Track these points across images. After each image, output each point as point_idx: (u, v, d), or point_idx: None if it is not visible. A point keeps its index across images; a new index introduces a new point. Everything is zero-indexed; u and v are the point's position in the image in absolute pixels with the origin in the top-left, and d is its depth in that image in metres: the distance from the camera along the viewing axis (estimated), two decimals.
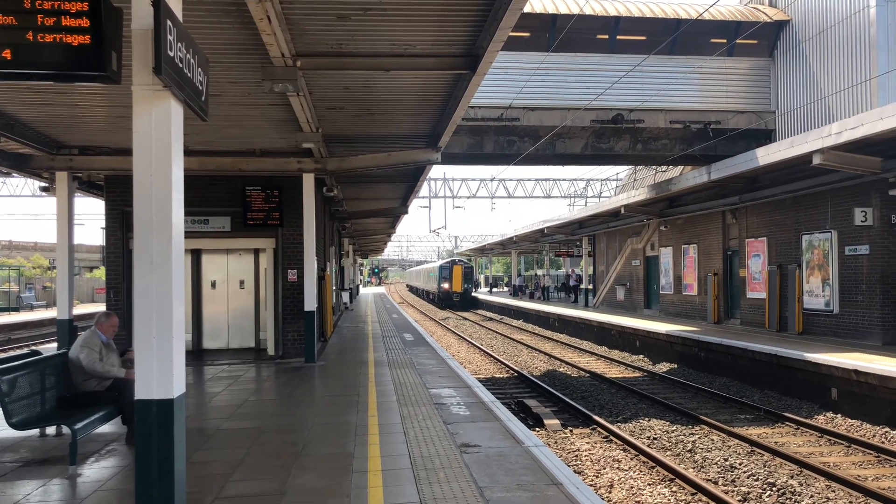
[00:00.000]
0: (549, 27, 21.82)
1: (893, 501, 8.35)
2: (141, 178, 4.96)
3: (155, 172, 4.96)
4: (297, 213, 14.78)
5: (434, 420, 9.08)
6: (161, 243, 4.98)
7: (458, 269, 53.58)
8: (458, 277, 53.10)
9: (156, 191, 4.96)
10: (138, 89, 4.91)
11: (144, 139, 4.95)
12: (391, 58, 9.37)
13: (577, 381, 17.97)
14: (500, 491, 6.26)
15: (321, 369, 13.92)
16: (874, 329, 16.38)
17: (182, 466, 5.18)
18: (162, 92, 4.91)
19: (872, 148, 15.17)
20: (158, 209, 4.97)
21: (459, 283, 52.91)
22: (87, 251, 64.43)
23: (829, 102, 21.50)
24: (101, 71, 4.46)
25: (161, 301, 4.96)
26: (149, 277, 4.97)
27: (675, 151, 23.30)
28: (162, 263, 4.98)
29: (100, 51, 4.41)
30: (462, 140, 21.69)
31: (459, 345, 26.93)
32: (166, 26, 4.69)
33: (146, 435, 4.96)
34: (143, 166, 4.96)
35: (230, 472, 6.91)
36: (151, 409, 4.94)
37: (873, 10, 20.02)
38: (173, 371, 4.97)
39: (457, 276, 53.16)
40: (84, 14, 4.39)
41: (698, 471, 9.92)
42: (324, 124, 12.52)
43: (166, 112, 4.95)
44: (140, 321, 4.96)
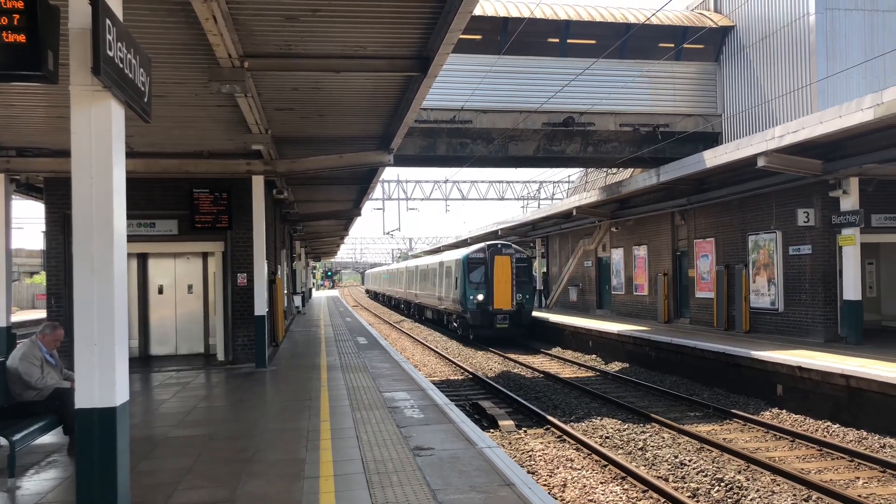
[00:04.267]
0: (500, 30, 21.95)
1: (834, 493, 8.60)
2: (80, 180, 4.82)
3: (95, 175, 4.82)
4: (246, 216, 14.57)
5: (387, 424, 9.04)
6: (102, 247, 4.84)
7: (506, 265, 26.79)
8: (506, 280, 26.65)
9: (96, 194, 4.83)
10: (76, 89, 4.78)
11: (83, 141, 4.81)
12: (341, 59, 9.30)
13: (531, 381, 18.08)
14: (453, 493, 6.26)
15: (272, 374, 13.74)
16: (817, 326, 16.88)
17: (126, 476, 5.05)
18: (101, 92, 4.78)
19: (813, 151, 15.63)
20: (99, 213, 4.83)
21: (509, 293, 26.48)
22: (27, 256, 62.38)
23: (772, 106, 22.10)
24: (36, 70, 4.34)
25: (102, 306, 4.83)
26: (89, 282, 4.83)
27: (625, 154, 23.66)
28: (103, 268, 4.84)
29: (36, 50, 4.29)
30: (415, 142, 21.67)
31: (414, 348, 26.87)
32: (105, 25, 4.56)
33: (87, 445, 4.83)
34: (82, 169, 4.82)
35: (178, 481, 6.77)
36: (93, 419, 4.81)
37: (812, 17, 20.67)
38: (115, 378, 4.84)
39: (502, 276, 26.70)
40: (19, 12, 4.26)
41: (649, 468, 10.07)
42: (273, 126, 12.37)
43: (106, 113, 4.82)
44: (81, 327, 4.82)
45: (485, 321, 26.25)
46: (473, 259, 27.36)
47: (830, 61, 20.47)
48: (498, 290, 26.30)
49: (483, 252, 27.41)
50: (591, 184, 36.19)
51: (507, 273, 26.53)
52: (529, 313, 27.10)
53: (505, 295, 26.33)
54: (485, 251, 27.35)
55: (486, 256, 27.06)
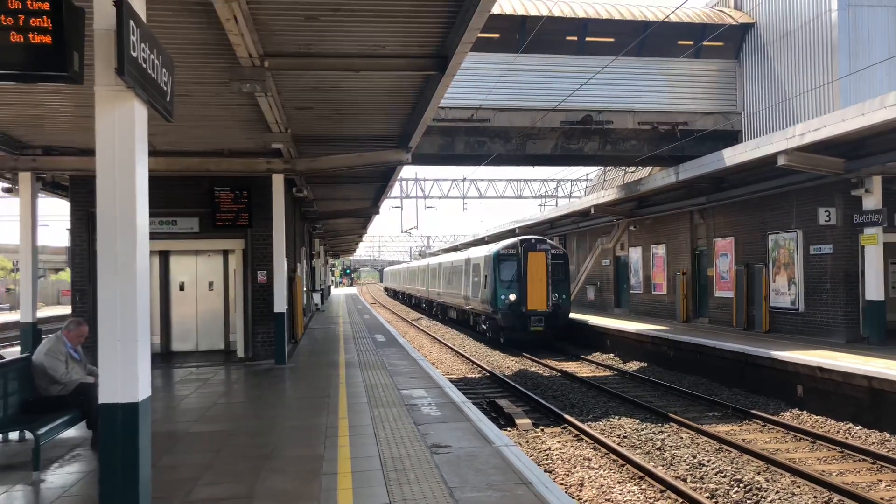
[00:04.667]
0: (518, 28, 21.91)
1: (856, 495, 8.53)
2: (104, 179, 4.90)
3: (119, 174, 4.90)
4: (266, 214, 14.67)
5: (405, 421, 9.07)
6: (125, 245, 4.92)
7: (540, 261, 24.55)
8: (541, 279, 24.41)
9: (120, 192, 4.90)
10: (101, 90, 4.85)
11: (108, 140, 4.89)
12: (360, 58, 9.34)
13: (548, 380, 18.06)
14: (469, 491, 6.28)
15: (291, 371, 13.84)
16: (838, 327, 16.71)
17: (147, 471, 5.12)
18: (125, 93, 4.85)
19: (835, 149, 15.47)
20: (122, 211, 4.91)
21: (544, 293, 24.29)
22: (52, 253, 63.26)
23: (793, 104, 21.88)
24: (62, 71, 4.41)
25: (125, 304, 4.90)
26: (113, 280, 4.90)
27: (643, 152, 23.54)
28: (126, 266, 4.91)
29: (61, 51, 4.36)
30: (433, 140, 21.70)
31: (431, 345, 26.92)
32: (129, 26, 4.63)
33: (111, 439, 4.90)
34: (106, 168, 4.90)
35: (198, 476, 6.84)
36: (116, 413, 4.88)
37: (835, 14, 20.43)
38: (138, 374, 4.91)
39: (537, 274, 24.47)
40: (45, 14, 4.34)
41: (667, 468, 10.03)
42: (293, 124, 12.45)
43: (130, 113, 4.90)
44: (104, 324, 4.90)
45: (517, 323, 24.02)
46: (504, 255, 25.03)
47: (853, 59, 20.23)
48: (532, 289, 24.01)
49: (515, 247, 25.03)
50: (609, 182, 36.03)
51: (541, 271, 24.26)
52: (566, 315, 24.98)
53: (540, 295, 24.05)
54: (517, 246, 24.95)
55: (518, 252, 24.71)
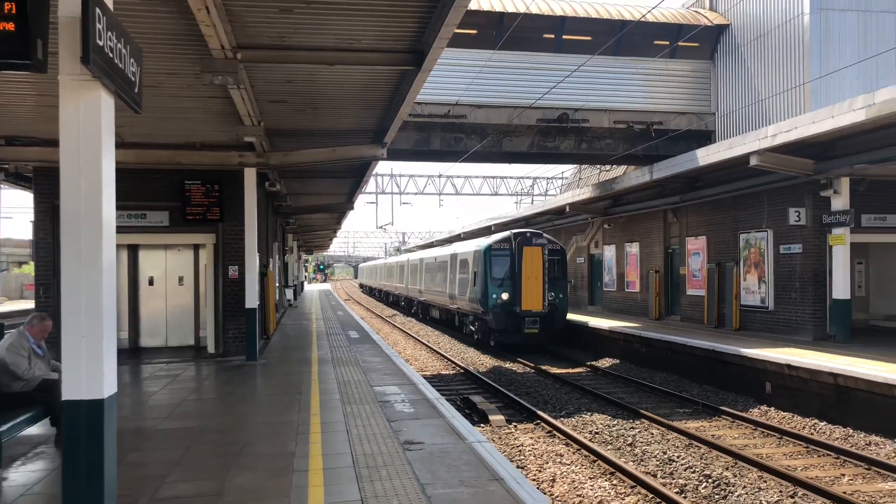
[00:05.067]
0: (496, 25, 21.90)
1: (820, 489, 8.66)
2: (68, 171, 4.78)
3: (83, 166, 4.78)
4: (238, 208, 14.51)
5: (378, 418, 9.03)
6: (90, 239, 4.80)
7: (536, 257, 22.70)
8: (537, 276, 22.55)
9: (85, 185, 4.78)
10: (66, 79, 4.73)
11: (72, 131, 4.77)
12: (335, 52, 9.26)
13: (522, 376, 18.11)
14: (441, 487, 6.27)
15: (263, 367, 13.72)
16: (806, 325, 16.96)
17: (113, 469, 5.02)
18: (91, 82, 4.73)
19: (806, 150, 15.69)
20: (87, 204, 4.79)
21: (540, 292, 22.46)
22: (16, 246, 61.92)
23: (766, 105, 22.14)
24: (25, 59, 4.28)
25: (90, 298, 4.79)
26: (77, 274, 4.79)
27: (618, 151, 23.68)
28: (91, 260, 4.80)
29: (25, 38, 4.23)
30: (409, 136, 21.63)
31: (406, 342, 26.87)
32: (95, 14, 4.51)
33: (74, 437, 4.79)
34: (70, 160, 4.78)
35: (166, 473, 6.75)
36: (80, 410, 4.77)
37: (807, 17, 20.70)
38: (103, 370, 4.81)
39: (532, 271, 22.56)
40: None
41: (638, 464, 10.11)
42: (266, 118, 12.31)
43: (95, 103, 4.78)
44: (68, 319, 4.78)
45: (510, 325, 22.12)
46: (497, 250, 22.89)
47: (824, 61, 20.51)
48: (527, 288, 22.18)
49: (508, 242, 22.97)
50: (585, 180, 36.21)
51: (537, 267, 22.38)
52: (563, 316, 22.95)
53: (535, 294, 22.19)
54: (510, 241, 22.91)
55: (512, 247, 22.71)
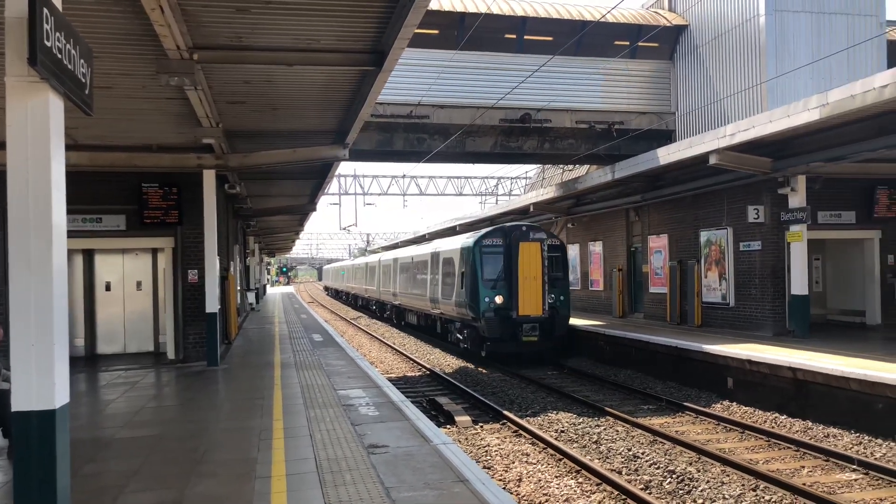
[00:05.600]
0: (457, 25, 21.90)
1: (780, 482, 8.80)
2: (16, 175, 4.64)
3: (32, 169, 4.65)
4: (197, 211, 14.29)
5: (342, 422, 8.96)
6: (39, 244, 4.67)
7: (534, 254, 19.92)
8: (535, 276, 19.83)
9: (33, 189, 4.65)
10: (12, 81, 4.60)
11: (19, 134, 4.63)
12: (294, 52, 9.17)
13: (488, 377, 18.12)
14: (406, 490, 6.24)
15: (224, 373, 13.52)
16: (766, 320, 17.26)
17: (66, 481, 4.89)
18: (39, 84, 4.60)
19: (763, 149, 15.95)
20: (36, 209, 4.66)
21: (539, 294, 19.75)
22: None
23: (724, 105, 22.51)
24: None
25: (40, 305, 4.65)
26: (26, 280, 4.65)
27: (581, 151, 23.86)
28: (41, 265, 4.67)
29: None
30: (371, 136, 21.53)
31: (371, 344, 26.74)
32: (42, 14, 4.38)
33: (25, 449, 4.66)
34: (18, 163, 4.64)
35: (124, 483, 6.60)
36: (31, 422, 4.64)
37: (763, 18, 21.08)
38: (55, 380, 4.68)
39: (530, 270, 19.82)
40: None
41: (603, 461, 10.17)
42: (225, 119, 12.14)
43: (44, 105, 4.65)
44: (17, 327, 4.64)
45: (506, 333, 19.29)
46: (488, 246, 20.08)
47: (780, 61, 20.91)
48: (524, 289, 19.39)
49: (501, 236, 20.22)
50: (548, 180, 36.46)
51: (536, 266, 19.53)
52: (565, 321, 20.15)
53: (534, 297, 19.39)
54: (504, 235, 20.19)
55: (505, 243, 19.97)
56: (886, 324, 18.14)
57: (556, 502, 8.55)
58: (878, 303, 18.37)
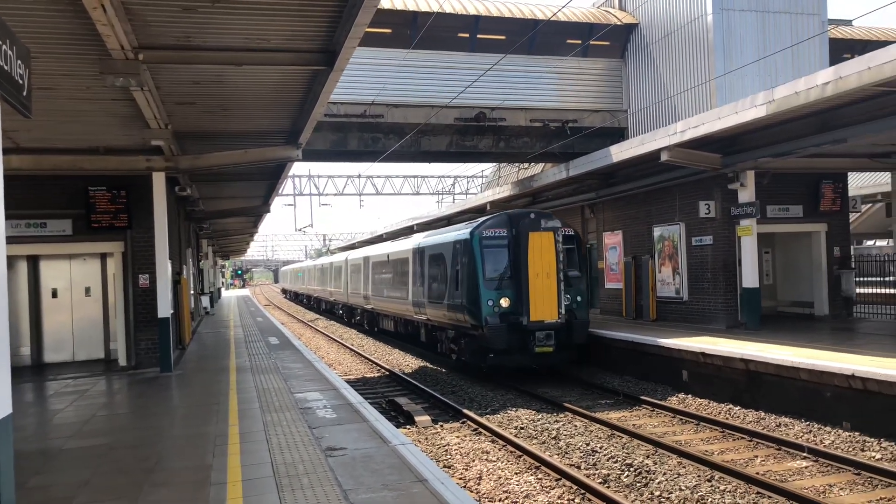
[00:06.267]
0: (410, 24, 21.87)
1: (735, 471, 8.98)
2: None
3: None
4: (147, 215, 13.97)
5: (299, 425, 8.85)
6: None
7: (547, 246, 16.33)
8: (549, 273, 16.19)
9: None
10: None
11: None
12: (244, 52, 9.02)
13: (447, 376, 18.12)
14: (364, 492, 6.20)
15: (178, 378, 13.26)
16: (719, 314, 17.60)
17: (10, 495, 4.70)
18: None
19: (713, 145, 16.27)
20: None
21: (554, 295, 16.18)
22: None
23: (674, 102, 22.89)
24: None
25: None
26: None
27: (535, 149, 24.03)
28: None
29: None
30: (325, 136, 21.35)
31: (329, 346, 26.53)
32: None
33: None
34: None
35: (73, 496, 6.41)
36: None
37: (710, 17, 21.50)
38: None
39: (542, 266, 16.22)
40: None
41: (562, 457, 10.25)
42: (174, 120, 11.89)
43: None
44: None
45: (515, 342, 16.02)
46: (490, 238, 16.70)
47: (727, 59, 21.36)
48: (536, 289, 16.03)
49: (505, 226, 16.77)
50: (504, 178, 36.63)
51: (549, 260, 16.17)
52: (585, 327, 16.81)
53: (548, 298, 16.05)
54: (509, 224, 16.71)
55: (511, 233, 16.59)
56: (833, 314, 18.67)
57: (515, 499, 8.58)
58: (825, 294, 18.89)
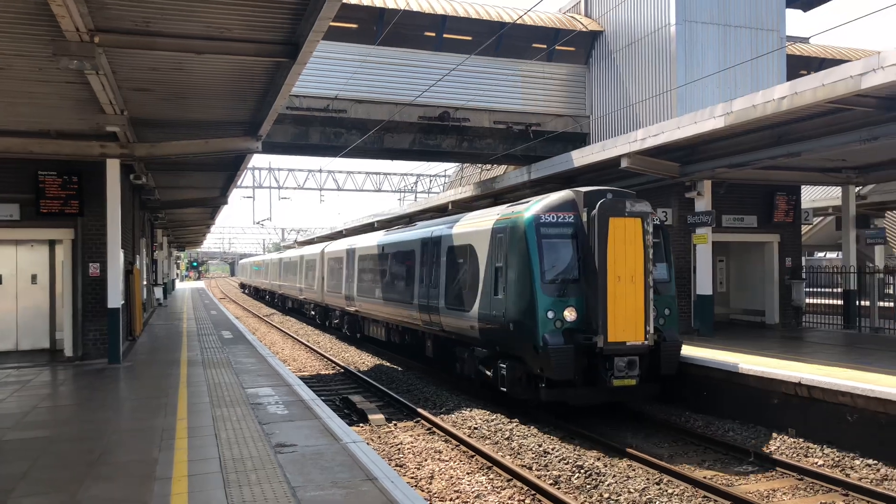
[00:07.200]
0: (376, 20, 21.76)
1: (682, 475, 9.11)
2: None
3: None
4: (100, 202, 13.64)
5: (249, 421, 8.73)
6: None
7: (633, 236, 11.75)
8: (635, 276, 11.71)
9: None
10: None
11: None
12: (205, 41, 8.87)
13: (403, 374, 18.06)
14: (313, 490, 6.14)
15: (127, 370, 12.97)
16: None
17: None
18: None
19: (672, 154, 16.50)
20: None
21: (640, 308, 11.72)
22: None
23: (636, 110, 23.18)
24: None
25: None
26: None
27: (498, 151, 24.10)
28: None
29: None
30: (287, 129, 21.11)
31: (284, 342, 26.25)
32: None
33: None
34: None
35: (10, 489, 6.24)
36: None
37: (673, 28, 21.83)
38: None
39: (627, 265, 11.69)
40: None
41: (515, 458, 10.27)
42: (130, 106, 11.62)
43: None
44: None
45: (586, 372, 11.91)
46: (551, 225, 12.34)
47: (689, 70, 21.71)
48: (617, 300, 11.72)
49: (573, 208, 12.55)
50: (467, 179, 36.71)
51: (636, 258, 11.89)
52: (676, 351, 12.39)
53: (633, 312, 11.81)
54: (579, 205, 12.51)
55: (577, 220, 12.40)
56: (784, 323, 19.10)
57: (466, 499, 8.58)
58: (776, 303, 19.30)
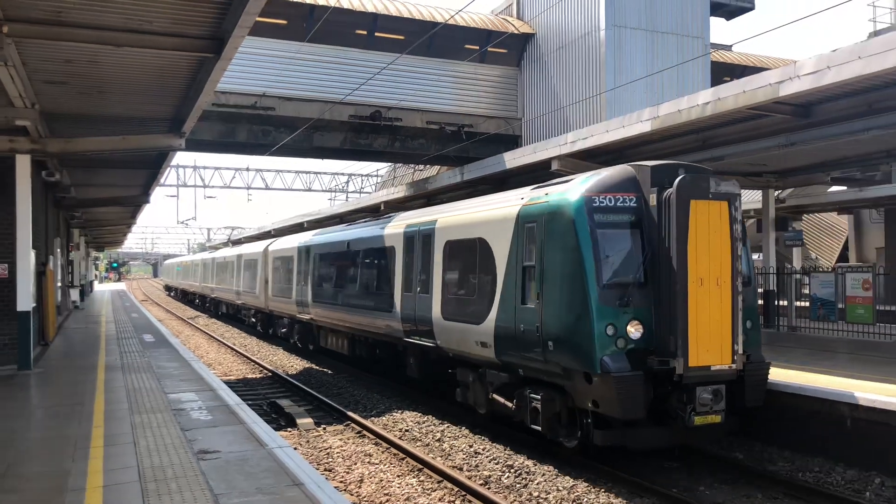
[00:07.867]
0: (306, 17, 21.45)
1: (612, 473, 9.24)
2: None
3: None
4: (8, 200, 12.92)
5: (170, 427, 8.43)
6: None
7: (715, 224, 8.67)
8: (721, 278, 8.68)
9: None
10: None
11: None
12: (123, 33, 8.55)
13: (333, 377, 17.83)
14: (237, 497, 6.00)
15: (39, 377, 12.36)
16: None
17: None
18: None
19: (601, 157, 16.76)
20: None
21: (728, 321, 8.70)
22: None
23: (567, 113, 23.53)
24: None
25: None
26: None
27: (431, 151, 24.10)
28: None
29: None
30: (212, 127, 20.58)
31: (209, 345, 25.56)
32: None
33: None
34: None
35: None
36: None
37: (603, 32, 22.27)
38: None
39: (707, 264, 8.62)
40: None
41: (445, 459, 10.24)
42: (43, 100, 11.09)
43: None
44: None
45: (656, 406, 9.02)
46: (608, 210, 9.23)
47: (618, 74, 22.18)
48: (700, 310, 8.72)
49: (635, 188, 9.38)
50: (400, 179, 36.61)
51: (722, 254, 8.95)
52: (764, 375, 9.57)
53: (718, 326, 8.85)
54: (643, 181, 9.36)
55: (644, 204, 9.29)
56: None
57: (396, 501, 8.50)
58: None
